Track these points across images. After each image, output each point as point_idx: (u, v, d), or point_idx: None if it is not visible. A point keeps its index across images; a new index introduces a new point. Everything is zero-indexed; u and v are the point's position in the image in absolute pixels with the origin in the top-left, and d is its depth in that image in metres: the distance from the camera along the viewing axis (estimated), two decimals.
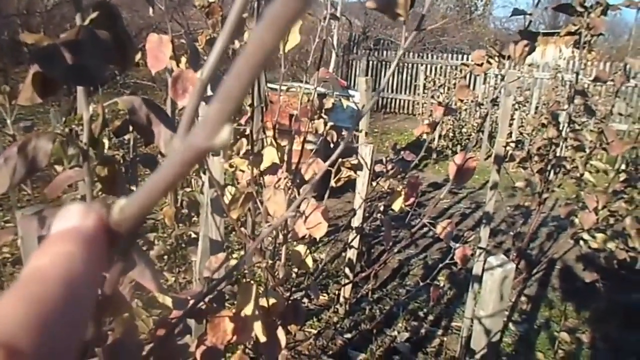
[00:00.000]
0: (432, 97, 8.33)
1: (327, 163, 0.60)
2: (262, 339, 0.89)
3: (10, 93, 2.01)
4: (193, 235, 2.27)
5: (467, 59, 9.36)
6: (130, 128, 0.80)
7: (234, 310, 0.96)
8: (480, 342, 1.37)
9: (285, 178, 1.21)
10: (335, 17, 1.60)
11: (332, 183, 1.21)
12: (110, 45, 0.68)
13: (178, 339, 1.26)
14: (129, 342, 0.80)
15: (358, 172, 2.71)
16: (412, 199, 1.40)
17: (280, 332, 1.05)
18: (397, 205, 1.35)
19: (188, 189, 2.49)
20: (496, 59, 1.19)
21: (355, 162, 1.27)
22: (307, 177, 1.11)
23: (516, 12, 1.12)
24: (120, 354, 0.77)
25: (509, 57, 1.08)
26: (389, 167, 1.88)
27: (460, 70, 8.81)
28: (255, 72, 0.18)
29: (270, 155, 1.15)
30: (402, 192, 1.33)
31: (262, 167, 1.15)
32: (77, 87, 0.97)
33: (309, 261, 1.15)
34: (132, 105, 0.68)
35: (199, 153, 0.19)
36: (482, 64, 1.23)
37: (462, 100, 1.45)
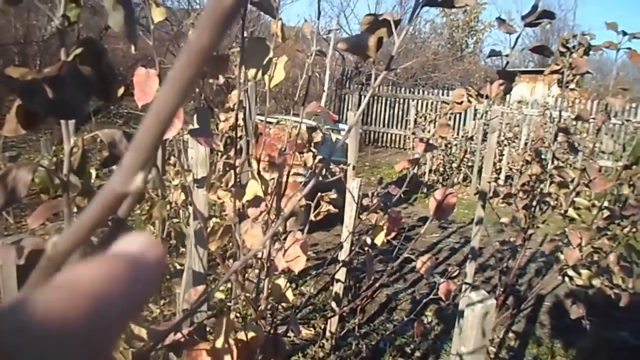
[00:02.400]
0: (413, 133, 8.44)
1: (301, 195, 0.62)
2: None
3: None
4: (179, 267, 2.26)
5: None
6: None
7: (211, 344, 0.96)
8: None
9: (268, 211, 1.22)
10: (322, 54, 1.64)
11: (312, 217, 1.22)
12: (93, 81, 0.70)
13: None
14: None
15: (346, 205, 2.73)
16: (394, 233, 1.41)
17: None
18: (379, 239, 1.36)
19: (175, 220, 2.49)
20: (475, 97, 1.22)
21: (334, 196, 1.29)
22: (286, 211, 1.13)
23: (493, 53, 1.16)
24: None
25: (486, 96, 1.11)
26: (375, 201, 1.90)
27: (441, 109, 8.95)
28: (164, 127, 0.19)
29: (253, 188, 1.16)
30: (384, 227, 1.35)
31: (245, 199, 1.16)
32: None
33: (289, 294, 1.15)
34: (113, 138, 0.70)
35: (116, 197, 0.21)
36: (461, 102, 1.27)
37: (443, 137, 1.48)
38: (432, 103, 11.15)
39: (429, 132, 8.26)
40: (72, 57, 0.68)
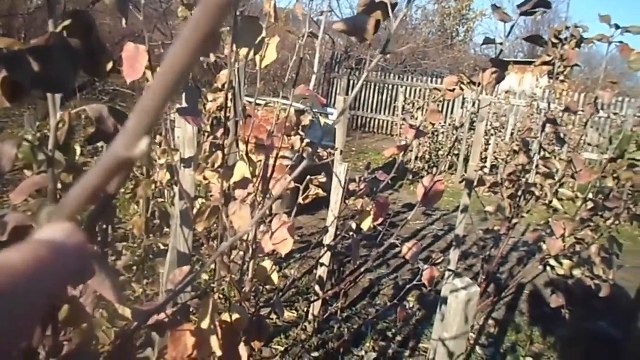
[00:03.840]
0: (404, 119, 8.45)
1: (290, 178, 0.61)
2: (218, 353, 0.89)
3: None
4: (163, 247, 2.24)
5: None
6: None
7: (195, 325, 0.96)
8: None
9: (255, 193, 1.21)
10: (314, 35, 1.62)
11: (300, 200, 1.22)
12: (82, 54, 0.68)
13: (140, 351, 1.24)
14: (85, 352, 0.79)
15: (332, 190, 2.73)
16: (380, 219, 1.41)
17: (242, 348, 1.04)
18: (366, 224, 1.36)
19: (160, 200, 2.47)
20: (467, 85, 1.21)
21: (324, 180, 1.28)
22: (275, 193, 1.12)
23: (487, 40, 1.15)
24: None
25: (478, 84, 1.11)
26: (362, 186, 1.90)
27: (433, 95, 8.96)
28: (169, 89, 0.18)
29: (240, 169, 1.15)
30: (371, 211, 1.34)
31: (232, 181, 1.15)
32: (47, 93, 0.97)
33: (275, 277, 1.15)
34: (100, 113, 0.68)
35: (119, 162, 0.20)
36: (453, 89, 1.26)
37: (433, 124, 1.47)
38: (420, 90, 11.15)
39: (416, 119, 8.28)
40: (60, 28, 0.65)
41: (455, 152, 7.93)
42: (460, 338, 1.34)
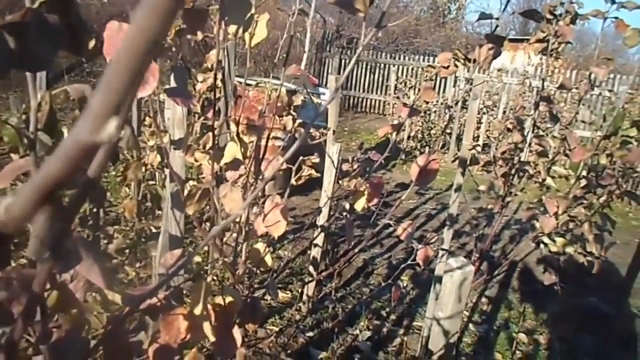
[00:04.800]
0: (397, 97, 8.40)
1: (283, 159, 0.59)
2: (212, 338, 0.88)
3: None
4: (155, 230, 2.22)
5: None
6: None
7: (188, 308, 0.94)
8: (439, 343, 1.37)
9: (247, 174, 1.19)
10: (304, 13, 1.58)
11: (293, 181, 1.20)
12: (61, 31, 0.65)
13: (132, 335, 1.22)
14: (74, 339, 0.77)
15: (325, 170, 2.71)
16: (375, 200, 1.39)
17: (237, 331, 1.03)
18: (360, 205, 1.34)
19: (151, 182, 2.45)
20: (462, 61, 1.19)
21: (317, 160, 1.26)
22: (267, 174, 1.10)
23: (483, 16, 1.12)
24: (65, 351, 0.74)
25: (474, 60, 1.08)
26: (355, 166, 1.88)
27: (426, 73, 8.91)
28: (137, 62, 0.16)
29: (231, 151, 1.13)
30: (365, 192, 1.33)
31: (223, 162, 1.13)
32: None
33: (268, 259, 1.14)
34: (83, 93, 0.65)
35: (84, 148, 0.17)
36: (448, 66, 1.24)
37: (427, 102, 1.45)
38: (412, 69, 11.08)
39: (409, 98, 8.23)
40: (38, 4, 0.62)
41: (448, 131, 7.92)
42: (456, 317, 1.34)
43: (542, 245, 2.58)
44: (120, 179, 2.60)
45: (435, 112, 8.27)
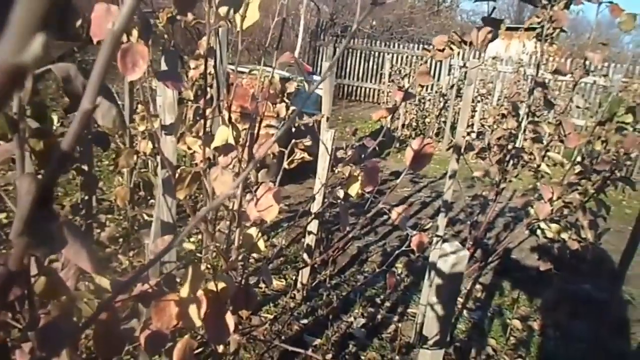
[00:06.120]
0: (392, 81, 8.36)
1: (274, 139, 0.57)
2: (197, 323, 0.87)
3: None
4: (148, 218, 2.21)
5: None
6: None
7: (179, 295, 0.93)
8: (433, 329, 1.37)
9: (239, 160, 1.17)
10: None
11: (285, 165, 1.18)
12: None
13: (124, 323, 1.21)
14: (63, 324, 0.76)
15: (319, 157, 2.70)
16: (371, 186, 1.38)
17: (229, 317, 1.02)
18: (354, 190, 1.33)
19: (143, 170, 2.42)
20: (458, 44, 1.18)
21: (309, 143, 1.24)
22: (259, 154, 1.08)
23: None
24: (53, 337, 0.73)
25: (470, 43, 1.07)
26: (349, 152, 1.86)
27: (421, 57, 8.86)
28: None
29: (222, 135, 1.11)
30: (359, 177, 1.31)
31: (214, 145, 1.11)
32: None
33: (261, 244, 1.12)
34: (68, 73, 0.64)
35: (7, 70, 0.16)
36: (443, 49, 1.22)
37: (422, 86, 1.43)
38: (407, 57, 11.03)
39: (403, 87, 8.21)
40: None
41: (443, 119, 7.91)
42: (450, 302, 1.34)
43: (538, 232, 2.59)
44: (113, 167, 2.57)
45: (429, 100, 8.26)
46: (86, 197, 1.58)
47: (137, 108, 2.31)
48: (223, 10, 1.02)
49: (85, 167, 1.56)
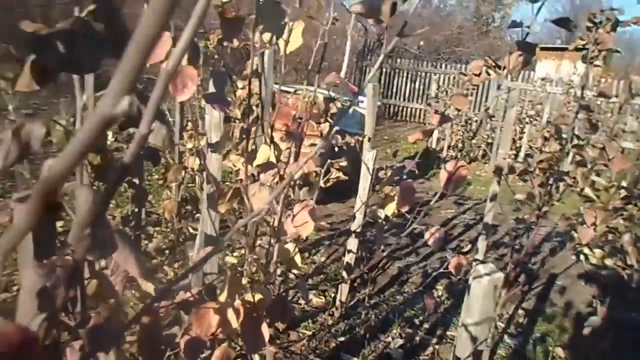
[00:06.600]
0: (429, 104, 8.32)
1: (309, 157, 0.62)
2: (234, 325, 0.91)
3: (13, 80, 2.05)
4: (194, 231, 2.29)
5: None
6: None
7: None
8: (466, 349, 1.38)
9: (280, 177, 1.23)
10: (336, 20, 1.62)
11: (322, 183, 1.23)
12: (107, 38, 0.71)
13: (167, 329, 1.28)
14: (110, 326, 0.82)
15: (361, 177, 2.73)
16: (407, 206, 1.41)
17: (265, 328, 1.07)
18: (390, 209, 1.36)
19: (190, 185, 2.52)
20: (493, 69, 1.20)
21: (344, 163, 1.29)
22: (300, 165, 1.13)
23: (513, 24, 1.13)
24: (100, 336, 0.80)
25: (504, 68, 1.09)
26: (389, 173, 1.90)
27: (458, 81, 8.79)
28: (142, 54, 0.20)
29: (263, 153, 1.17)
30: (395, 197, 1.35)
31: (255, 164, 1.17)
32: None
33: (298, 259, 1.17)
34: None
35: (104, 120, 0.21)
36: (479, 73, 1.25)
37: (459, 110, 1.46)
38: (454, 77, 10.97)
39: (449, 107, 8.17)
40: (85, 13, 0.68)
41: (489, 140, 7.80)
42: (484, 324, 1.34)
43: (582, 257, 2.53)
44: (162, 181, 2.68)
45: (476, 121, 8.17)
46: (136, 209, 1.67)
47: (187, 125, 2.42)
48: (267, 36, 1.08)
49: (136, 181, 1.66)
